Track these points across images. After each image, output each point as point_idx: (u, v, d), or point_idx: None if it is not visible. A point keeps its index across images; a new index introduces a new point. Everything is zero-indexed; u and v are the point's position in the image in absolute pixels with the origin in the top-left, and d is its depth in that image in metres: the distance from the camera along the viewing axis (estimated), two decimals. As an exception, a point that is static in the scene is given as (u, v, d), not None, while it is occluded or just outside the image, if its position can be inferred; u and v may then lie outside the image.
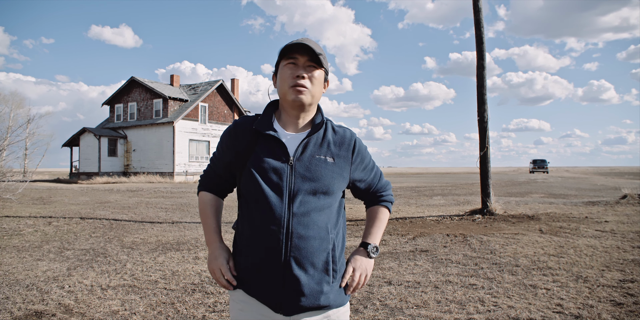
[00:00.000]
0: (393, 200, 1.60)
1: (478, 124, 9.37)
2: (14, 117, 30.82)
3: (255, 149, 1.38)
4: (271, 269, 1.29)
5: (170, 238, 6.53)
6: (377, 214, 1.54)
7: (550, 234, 6.57)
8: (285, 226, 1.29)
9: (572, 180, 27.11)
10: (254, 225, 1.33)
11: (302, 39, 1.37)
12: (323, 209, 1.34)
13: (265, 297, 1.31)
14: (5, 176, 13.88)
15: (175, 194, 15.48)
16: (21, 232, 6.96)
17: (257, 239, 1.32)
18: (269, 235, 1.29)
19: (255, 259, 1.32)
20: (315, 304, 1.30)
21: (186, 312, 3.30)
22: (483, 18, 9.35)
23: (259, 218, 1.32)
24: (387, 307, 3.38)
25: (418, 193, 16.47)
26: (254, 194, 1.34)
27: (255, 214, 1.33)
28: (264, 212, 1.31)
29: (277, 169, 1.33)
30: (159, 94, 29.49)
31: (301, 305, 1.29)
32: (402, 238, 6.43)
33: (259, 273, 1.31)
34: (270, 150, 1.36)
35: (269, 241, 1.29)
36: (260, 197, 1.32)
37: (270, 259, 1.29)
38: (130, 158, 30.84)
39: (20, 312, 3.30)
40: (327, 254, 1.33)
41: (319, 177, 1.34)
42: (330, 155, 1.38)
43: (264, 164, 1.34)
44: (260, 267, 1.31)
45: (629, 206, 10.21)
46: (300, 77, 1.34)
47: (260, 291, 1.32)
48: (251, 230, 1.34)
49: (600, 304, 3.35)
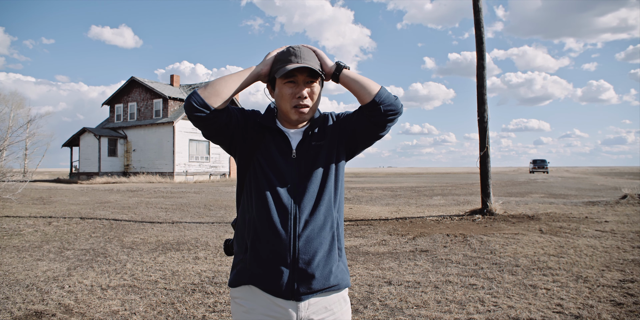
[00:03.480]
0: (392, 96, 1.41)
1: (478, 124, 9.37)
2: (14, 117, 30.81)
3: (264, 142, 1.42)
4: (281, 258, 1.32)
5: (170, 238, 6.53)
6: None
7: (550, 234, 6.57)
8: (292, 217, 1.33)
9: (572, 180, 27.11)
10: (262, 218, 1.35)
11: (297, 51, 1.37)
12: (326, 195, 1.38)
13: (276, 287, 1.33)
14: (5, 176, 13.88)
15: (175, 194, 15.48)
16: (21, 232, 6.96)
17: (265, 231, 1.34)
18: (277, 226, 1.33)
19: (265, 251, 1.34)
20: (326, 285, 1.36)
21: (186, 312, 3.30)
22: (483, 18, 9.35)
23: (266, 211, 1.35)
24: (387, 307, 3.38)
25: (418, 193, 16.47)
26: (262, 187, 1.37)
27: (263, 206, 1.36)
28: (272, 204, 1.35)
29: (284, 162, 1.39)
30: (159, 94, 29.49)
31: (312, 288, 1.33)
32: (402, 238, 6.43)
33: (269, 264, 1.33)
34: (277, 144, 1.41)
35: (277, 232, 1.33)
36: (268, 190, 1.36)
37: (279, 249, 1.32)
38: (130, 158, 30.84)
39: (20, 312, 3.30)
40: (333, 234, 1.38)
41: (319, 165, 1.39)
42: (325, 140, 1.43)
43: (272, 157, 1.39)
44: (270, 258, 1.33)
45: (629, 206, 10.21)
46: (302, 98, 1.37)
47: (271, 282, 1.33)
48: (259, 222, 1.36)
49: (600, 304, 3.35)
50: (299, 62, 1.35)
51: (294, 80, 1.37)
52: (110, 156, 30.23)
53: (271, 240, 1.33)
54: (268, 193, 1.36)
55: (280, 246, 1.32)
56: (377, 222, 8.26)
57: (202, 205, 11.38)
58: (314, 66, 1.35)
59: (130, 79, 31.31)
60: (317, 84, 1.41)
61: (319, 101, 1.45)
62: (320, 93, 1.44)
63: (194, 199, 13.61)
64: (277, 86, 1.40)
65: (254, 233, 1.37)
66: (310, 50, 1.42)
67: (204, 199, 13.26)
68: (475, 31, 9.36)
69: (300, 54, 1.37)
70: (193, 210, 10.41)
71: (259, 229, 1.36)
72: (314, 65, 1.37)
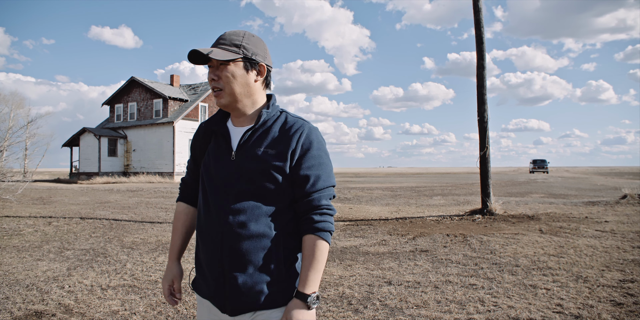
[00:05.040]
0: (332, 229, 1.28)
1: (478, 124, 9.37)
2: (14, 117, 30.80)
3: (208, 147, 1.38)
4: (213, 269, 1.27)
5: (170, 238, 6.52)
6: (312, 249, 1.24)
7: (550, 234, 6.57)
8: (222, 224, 1.24)
9: (572, 180, 27.11)
10: (199, 224, 1.33)
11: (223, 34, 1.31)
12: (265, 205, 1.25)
13: (211, 297, 1.30)
14: (6, 177, 13.88)
15: (175, 194, 15.48)
16: (21, 232, 6.96)
17: (201, 239, 1.32)
18: (208, 234, 1.28)
19: (201, 260, 1.33)
20: (256, 304, 1.23)
21: (186, 312, 3.30)
22: (483, 18, 9.35)
23: (202, 216, 1.31)
24: (387, 307, 3.38)
25: (418, 193, 16.47)
26: (201, 191, 1.34)
27: (200, 212, 1.33)
28: (205, 211, 1.30)
29: (220, 164, 1.30)
30: (159, 94, 29.49)
31: (242, 305, 1.24)
32: (402, 238, 6.43)
33: (205, 274, 1.31)
34: (217, 146, 1.34)
35: (208, 240, 1.28)
36: (203, 194, 1.32)
37: (211, 260, 1.27)
38: (130, 158, 30.84)
39: (20, 312, 3.30)
40: (268, 253, 1.23)
41: (258, 171, 1.24)
42: (272, 147, 1.26)
43: (209, 160, 1.33)
44: (205, 268, 1.31)
45: (629, 206, 10.21)
46: (212, 81, 1.28)
47: (207, 292, 1.31)
48: (198, 229, 1.34)
49: (600, 304, 3.35)
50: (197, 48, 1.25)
51: (210, 65, 1.29)
52: (110, 156, 30.24)
53: (203, 247, 1.31)
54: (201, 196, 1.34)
55: (210, 254, 1.27)
56: (377, 222, 8.26)
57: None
58: (204, 49, 1.24)
59: (130, 79, 31.31)
60: (233, 68, 1.26)
61: (245, 85, 1.29)
62: (245, 76, 1.28)
63: (194, 199, 13.60)
64: None
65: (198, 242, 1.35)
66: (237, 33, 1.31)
67: (204, 199, 13.26)
68: (475, 31, 9.36)
69: (218, 38, 1.30)
70: (193, 210, 10.40)
71: (197, 232, 1.35)
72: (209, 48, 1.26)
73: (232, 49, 1.27)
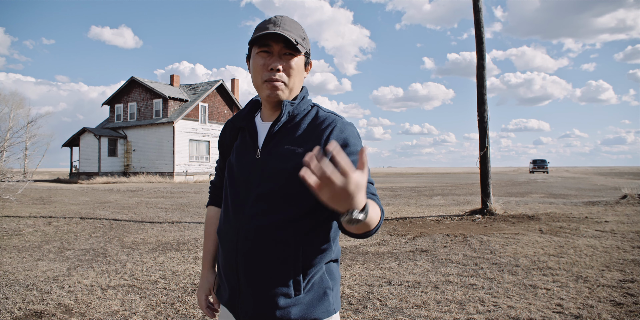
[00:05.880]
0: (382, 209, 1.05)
1: (478, 124, 9.37)
2: (14, 117, 30.82)
3: (235, 144, 1.29)
4: (229, 277, 1.19)
5: (170, 238, 6.53)
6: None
7: (550, 234, 6.57)
8: (238, 228, 1.15)
9: (572, 180, 27.11)
10: (219, 228, 1.26)
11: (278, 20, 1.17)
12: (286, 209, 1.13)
13: (228, 304, 1.22)
14: (6, 177, 13.88)
15: (175, 194, 15.48)
16: (21, 232, 6.96)
17: (220, 244, 1.24)
18: (224, 239, 1.20)
19: (220, 269, 1.26)
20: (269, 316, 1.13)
21: (186, 312, 3.30)
22: (483, 18, 9.35)
23: (222, 219, 1.25)
24: (387, 307, 3.38)
25: (418, 193, 16.47)
26: (224, 193, 1.26)
27: (222, 214, 1.26)
28: (225, 213, 1.23)
29: (244, 164, 1.20)
30: (159, 94, 29.50)
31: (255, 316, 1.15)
32: (402, 238, 6.43)
33: (223, 281, 1.24)
34: (243, 143, 1.24)
35: (225, 246, 1.20)
36: (224, 194, 1.25)
37: (227, 267, 1.19)
38: (130, 158, 30.84)
39: (20, 312, 3.30)
40: (286, 262, 1.12)
41: (282, 171, 1.13)
42: (300, 145, 1.14)
43: (233, 159, 1.24)
44: (222, 275, 1.24)
45: (629, 206, 10.21)
46: (274, 71, 1.15)
47: (226, 299, 1.23)
48: (217, 233, 1.27)
49: (600, 304, 3.35)
50: (276, 30, 1.12)
51: (268, 50, 1.15)
52: (110, 156, 30.24)
53: (222, 252, 1.23)
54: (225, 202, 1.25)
55: (226, 261, 1.19)
56: (377, 222, 8.25)
57: (202, 205, 11.37)
58: (291, 36, 1.13)
59: (130, 79, 31.32)
60: (298, 61, 1.17)
61: (301, 80, 1.21)
62: (302, 70, 1.21)
63: (194, 199, 13.61)
64: (251, 58, 1.20)
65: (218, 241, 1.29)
66: (296, 23, 1.20)
67: (204, 199, 13.26)
68: (475, 31, 9.36)
69: (280, 23, 1.15)
70: (193, 210, 10.40)
71: (218, 237, 1.27)
72: (293, 36, 1.14)
73: (299, 40, 1.16)
